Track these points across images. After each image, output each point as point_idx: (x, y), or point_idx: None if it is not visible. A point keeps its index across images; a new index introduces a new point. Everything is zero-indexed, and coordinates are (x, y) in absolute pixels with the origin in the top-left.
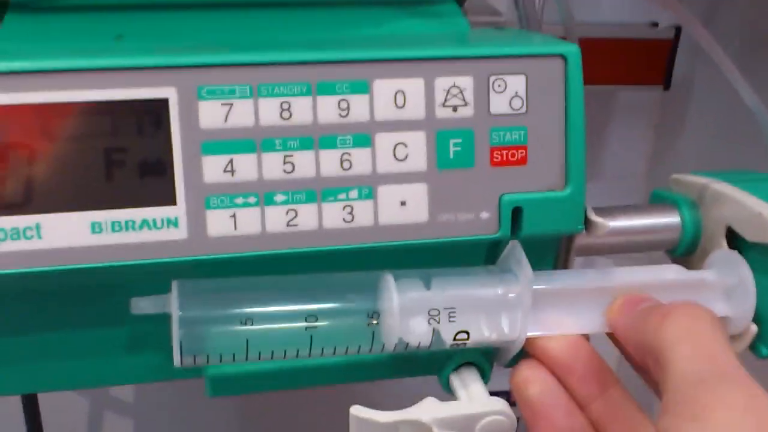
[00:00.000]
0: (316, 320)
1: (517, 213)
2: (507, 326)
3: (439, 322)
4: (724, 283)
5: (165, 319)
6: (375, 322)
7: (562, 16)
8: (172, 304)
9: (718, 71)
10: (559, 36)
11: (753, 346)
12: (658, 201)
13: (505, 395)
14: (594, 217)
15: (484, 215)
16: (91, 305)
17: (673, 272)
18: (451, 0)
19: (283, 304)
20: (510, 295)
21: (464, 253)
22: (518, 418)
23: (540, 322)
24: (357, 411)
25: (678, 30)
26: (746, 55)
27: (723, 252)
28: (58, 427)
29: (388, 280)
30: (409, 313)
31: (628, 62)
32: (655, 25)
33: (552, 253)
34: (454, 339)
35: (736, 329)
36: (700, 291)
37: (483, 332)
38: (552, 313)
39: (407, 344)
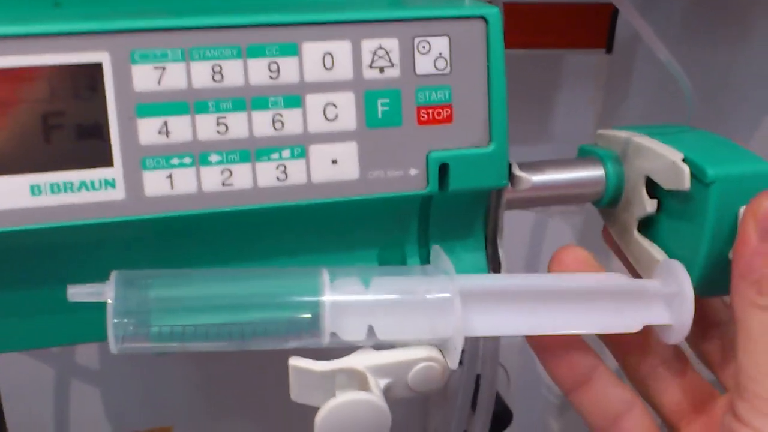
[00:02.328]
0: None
1: (444, 169)
2: (440, 326)
3: (373, 322)
4: (665, 292)
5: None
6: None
7: None
8: (107, 294)
9: (660, 33)
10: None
11: None
12: (584, 155)
13: None
14: (518, 172)
15: (413, 172)
16: (34, 266)
17: (615, 279)
18: None
19: (218, 315)
20: (441, 295)
21: (396, 208)
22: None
23: (475, 322)
24: (295, 361)
25: None
26: (697, 11)
27: (666, 261)
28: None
29: (324, 278)
30: (344, 312)
31: (572, 27)
32: None
33: (482, 207)
34: (388, 338)
35: (675, 337)
36: (641, 299)
37: (418, 332)
38: (488, 313)
39: (341, 340)
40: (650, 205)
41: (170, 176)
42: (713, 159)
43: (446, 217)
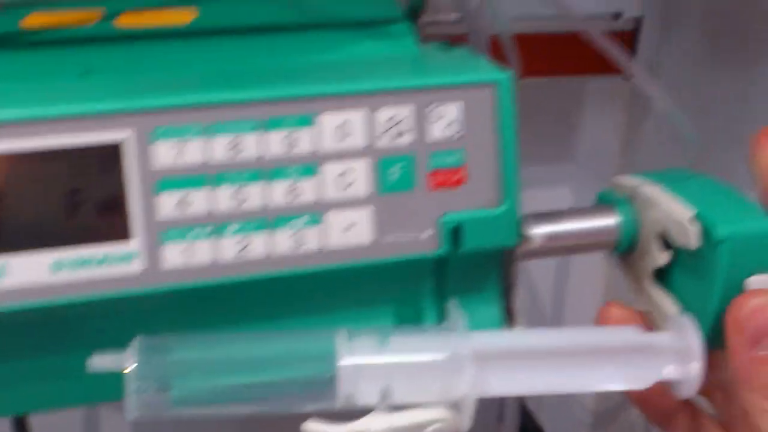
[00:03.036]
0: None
1: (457, 231)
2: (453, 388)
3: (388, 384)
4: (675, 348)
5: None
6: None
7: (497, 19)
8: (129, 362)
9: (680, 58)
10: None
11: None
12: (600, 203)
13: None
14: (528, 231)
15: (426, 234)
16: (56, 333)
17: (625, 335)
18: (403, 19)
19: (236, 376)
20: (457, 357)
21: (411, 267)
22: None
23: (489, 382)
24: (309, 426)
25: (639, 20)
26: (713, 37)
27: (676, 316)
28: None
29: (340, 341)
30: (360, 376)
31: (594, 54)
32: (618, 15)
33: (496, 261)
34: (402, 400)
35: (687, 392)
36: (653, 355)
37: (431, 394)
38: (502, 373)
39: (356, 403)
40: (663, 258)
41: (188, 248)
42: (722, 216)
43: (461, 273)
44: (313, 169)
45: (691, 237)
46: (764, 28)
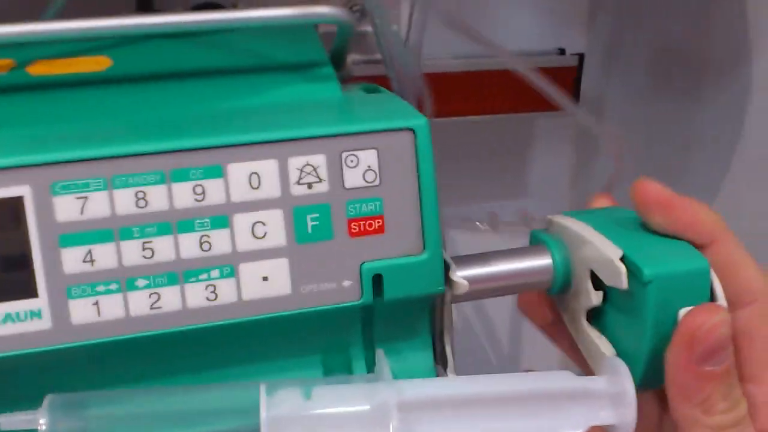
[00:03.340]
0: None
1: (378, 279)
2: None
3: None
4: (609, 392)
5: None
6: None
7: (408, 60)
8: (41, 419)
9: (625, 92)
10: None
11: None
12: (534, 243)
13: None
14: (455, 276)
15: (346, 283)
16: None
17: (560, 380)
18: (327, 63)
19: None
20: (382, 407)
21: (336, 316)
22: None
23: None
24: None
25: (581, 57)
26: (656, 73)
27: (610, 360)
28: None
29: (262, 393)
30: (282, 428)
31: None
32: (562, 52)
33: (426, 306)
34: None
35: None
36: (586, 400)
37: None
38: (430, 423)
39: None
40: (596, 298)
41: (97, 303)
42: (650, 256)
43: (390, 320)
44: (224, 220)
45: (620, 278)
46: (706, 64)
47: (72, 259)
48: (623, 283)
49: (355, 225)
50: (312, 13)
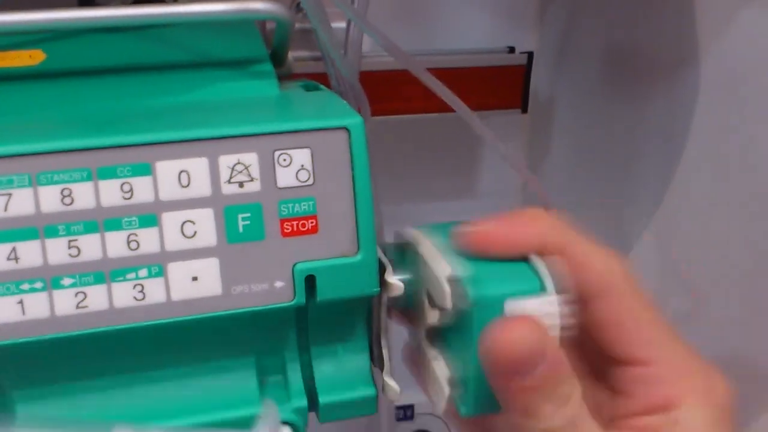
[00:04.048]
0: None
1: (311, 280)
2: None
3: None
4: None
5: None
6: None
7: (345, 62)
8: None
9: (576, 92)
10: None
11: (455, 404)
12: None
13: None
14: (390, 278)
15: (279, 284)
16: None
17: None
18: (266, 59)
19: None
20: None
21: (269, 318)
22: None
23: None
24: None
25: (530, 55)
26: (607, 72)
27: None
28: None
29: None
30: None
31: (490, 88)
32: (512, 50)
33: (363, 308)
34: None
35: None
36: None
37: None
38: None
39: None
40: (431, 317)
41: (21, 302)
42: (482, 277)
43: (325, 322)
44: (153, 219)
45: (445, 298)
46: (655, 63)
47: None
48: (447, 303)
49: (287, 225)
50: (248, 8)
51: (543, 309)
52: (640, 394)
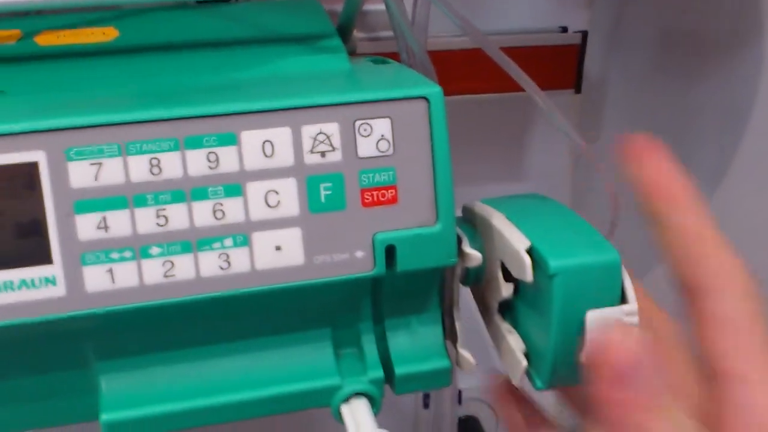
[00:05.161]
0: None
1: (391, 250)
2: None
3: None
4: None
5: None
6: None
7: (414, 38)
8: None
9: (629, 73)
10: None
11: (529, 378)
12: None
13: None
14: (467, 248)
15: (359, 254)
16: None
17: None
18: (335, 34)
19: None
20: None
21: (346, 289)
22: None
23: None
24: None
25: (585, 34)
26: (661, 52)
27: None
28: None
29: None
30: None
31: (542, 68)
32: (565, 30)
33: (436, 280)
34: None
35: None
36: None
37: None
38: None
39: None
40: (506, 290)
41: (111, 271)
42: (558, 249)
43: (399, 294)
44: (237, 188)
45: (524, 269)
46: (713, 42)
47: (86, 226)
48: (528, 275)
49: (368, 195)
50: None
51: (625, 320)
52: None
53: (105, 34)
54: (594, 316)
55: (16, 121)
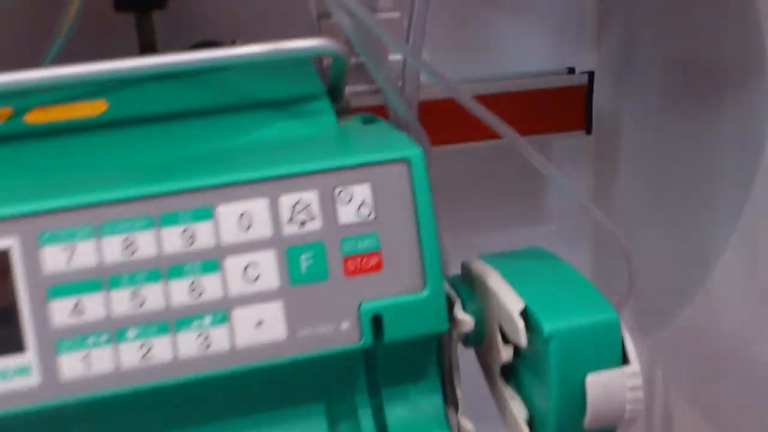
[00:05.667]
0: None
1: (377, 320)
2: None
3: None
4: None
5: None
6: None
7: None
8: None
9: (641, 110)
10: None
11: None
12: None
13: None
14: (460, 314)
15: (345, 325)
16: None
17: None
18: (323, 95)
19: None
20: None
21: (337, 361)
22: None
23: None
24: None
25: (591, 75)
26: (671, 86)
27: None
28: None
29: None
30: None
31: (552, 111)
32: (572, 71)
33: (432, 346)
34: None
35: None
36: None
37: None
38: None
39: None
40: (505, 353)
41: (86, 356)
42: (552, 310)
43: (394, 362)
44: (215, 264)
45: (518, 333)
46: (723, 74)
47: (60, 312)
48: (522, 340)
49: (351, 263)
50: (304, 46)
51: (627, 383)
52: None
53: (94, 108)
54: (594, 380)
55: None
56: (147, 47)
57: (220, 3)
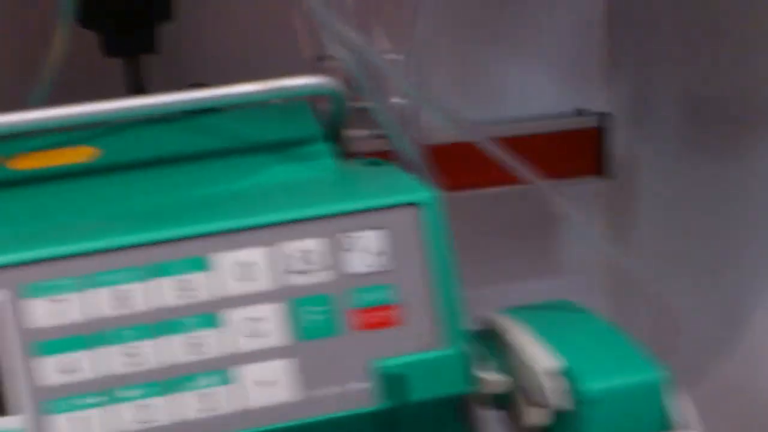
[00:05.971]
0: None
1: (393, 380)
2: None
3: None
4: None
5: None
6: None
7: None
8: None
9: (660, 152)
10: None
11: None
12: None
13: None
14: (485, 374)
15: (358, 386)
16: None
17: None
18: (323, 138)
19: None
20: None
21: (352, 427)
22: None
23: None
24: None
25: (601, 116)
26: (689, 127)
27: None
28: None
29: None
30: None
31: (562, 154)
32: (580, 112)
33: (452, 408)
34: None
35: None
36: None
37: None
38: None
39: None
40: (536, 416)
41: (76, 419)
42: (584, 366)
43: (415, 424)
44: (213, 318)
45: (545, 395)
46: (745, 114)
47: (48, 371)
48: (548, 401)
49: (362, 317)
50: (299, 84)
51: None
52: None
53: (84, 154)
54: None
55: None
56: (136, 92)
57: (213, 47)
